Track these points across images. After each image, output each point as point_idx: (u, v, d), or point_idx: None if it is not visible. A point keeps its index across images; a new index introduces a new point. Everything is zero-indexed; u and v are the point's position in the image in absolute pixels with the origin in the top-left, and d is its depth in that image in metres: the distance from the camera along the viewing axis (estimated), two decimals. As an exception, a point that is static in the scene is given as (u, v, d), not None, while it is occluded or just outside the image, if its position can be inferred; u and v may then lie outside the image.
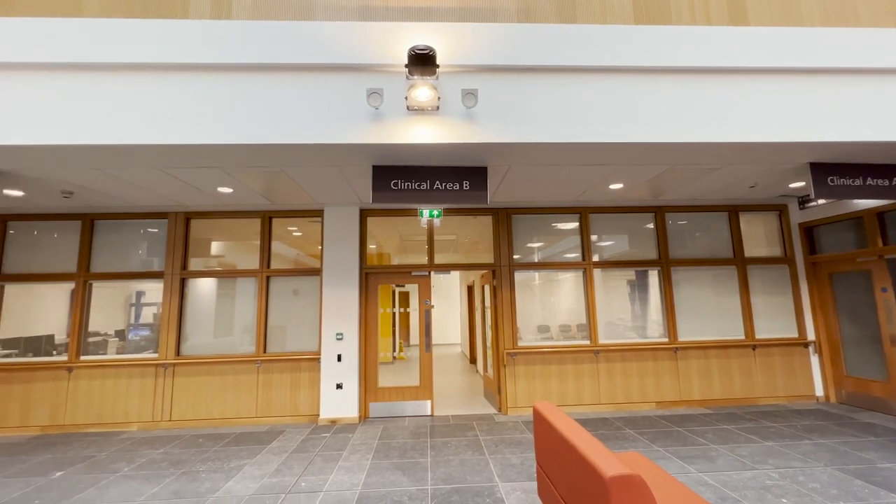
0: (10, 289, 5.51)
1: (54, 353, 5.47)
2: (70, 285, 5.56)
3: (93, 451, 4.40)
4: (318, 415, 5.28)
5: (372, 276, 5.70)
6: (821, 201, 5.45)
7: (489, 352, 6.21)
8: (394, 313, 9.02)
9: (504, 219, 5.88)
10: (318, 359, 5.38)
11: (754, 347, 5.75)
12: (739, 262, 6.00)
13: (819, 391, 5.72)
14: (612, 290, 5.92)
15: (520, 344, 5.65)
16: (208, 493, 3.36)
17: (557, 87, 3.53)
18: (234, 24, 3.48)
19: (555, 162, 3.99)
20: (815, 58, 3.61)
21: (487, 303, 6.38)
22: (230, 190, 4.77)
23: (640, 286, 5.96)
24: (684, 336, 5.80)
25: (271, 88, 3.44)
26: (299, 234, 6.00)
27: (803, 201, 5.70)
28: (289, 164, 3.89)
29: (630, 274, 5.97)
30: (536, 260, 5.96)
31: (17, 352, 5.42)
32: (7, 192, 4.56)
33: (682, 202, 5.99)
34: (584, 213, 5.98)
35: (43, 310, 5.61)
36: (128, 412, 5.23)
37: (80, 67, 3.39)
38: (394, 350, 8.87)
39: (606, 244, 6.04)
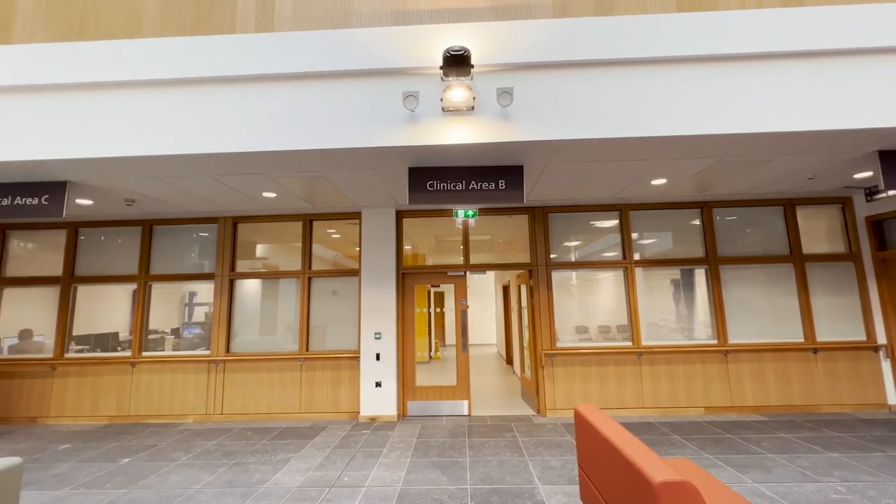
0: (82, 290, 6.02)
1: (119, 349, 5.93)
2: (132, 286, 6.00)
3: (154, 441, 4.72)
4: (359, 412, 5.41)
5: (409, 276, 5.78)
6: (891, 192, 5.00)
7: (526, 353, 6.13)
8: (429, 313, 9.11)
9: (540, 217, 5.79)
10: (358, 357, 5.52)
11: (815, 351, 5.35)
12: (797, 259, 5.60)
13: (892, 399, 5.24)
14: (655, 290, 5.70)
15: (558, 345, 5.55)
16: (258, 483, 3.52)
17: (596, 82, 3.45)
18: (276, 37, 3.63)
19: (593, 158, 3.89)
20: (879, 37, 3.31)
21: (524, 303, 6.30)
22: (274, 194, 4.99)
23: (685, 286, 5.69)
24: (735, 338, 5.49)
25: (312, 96, 3.57)
26: (338, 236, 6.19)
27: (870, 193, 5.24)
28: (328, 168, 4.01)
29: (674, 273, 5.72)
30: (574, 259, 5.83)
31: (87, 347, 5.92)
32: (78, 201, 4.99)
33: (732, 196, 5.67)
34: (624, 211, 5.79)
35: (109, 309, 6.10)
36: (184, 405, 5.58)
37: (140, 84, 3.65)
38: (430, 350, 8.97)
39: (648, 242, 5.82)
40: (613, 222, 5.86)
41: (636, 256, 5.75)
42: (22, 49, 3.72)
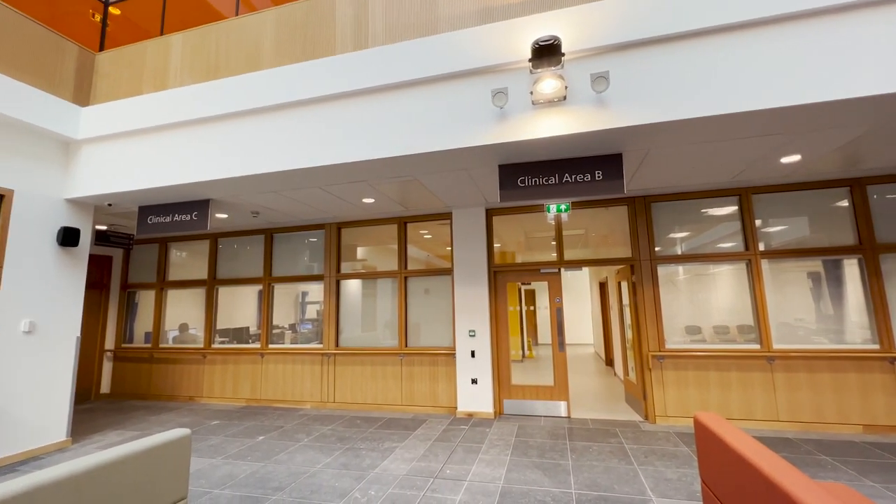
0: (221, 290, 7.10)
1: (250, 341, 6.86)
2: (258, 287, 6.90)
3: (281, 423, 5.38)
4: (456, 407, 5.55)
5: (500, 274, 5.76)
6: None
7: (630, 354, 5.72)
8: (520, 311, 8.97)
9: (642, 208, 5.35)
10: (453, 354, 5.66)
11: None
12: None
13: None
14: (788, 285, 4.90)
15: (667, 346, 5.07)
16: (369, 468, 3.81)
17: (705, 53, 3.08)
18: (371, 53, 3.88)
19: (707, 139, 3.48)
20: None
21: (625, 301, 5.88)
22: (372, 200, 5.34)
23: (830, 279, 4.80)
24: (905, 343, 4.48)
25: (404, 104, 3.74)
26: (429, 236, 6.41)
27: None
28: (421, 171, 4.18)
29: (813, 264, 4.86)
30: (682, 252, 5.27)
31: (227, 339, 6.96)
32: (218, 215, 5.88)
33: (893, 170, 4.64)
34: (744, 195, 5.08)
35: (241, 307, 7.10)
36: (303, 392, 6.26)
37: (262, 111, 4.18)
38: (523, 348, 8.84)
39: (775, 230, 5.03)
40: (731, 209, 5.18)
41: (761, 246, 5.01)
42: (175, 92, 4.51)
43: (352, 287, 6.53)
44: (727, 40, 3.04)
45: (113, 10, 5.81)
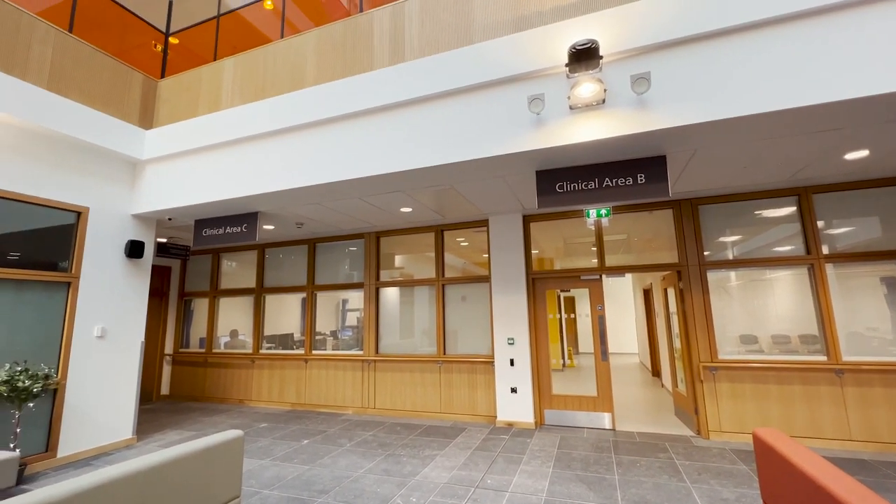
0: (268, 298, 7.43)
1: (294, 347, 7.13)
2: (302, 295, 7.18)
3: (324, 427, 5.53)
4: (496, 416, 5.48)
5: (539, 281, 5.67)
6: None
7: (678, 364, 5.44)
8: (560, 319, 8.76)
9: (689, 211, 5.11)
10: (492, 362, 5.61)
11: None
12: None
13: None
14: (857, 291, 4.50)
15: (720, 357, 4.78)
16: (410, 475, 3.83)
17: (756, 47, 2.92)
18: (407, 66, 3.98)
19: (761, 137, 3.28)
20: None
21: (672, 308, 5.61)
22: (410, 209, 5.43)
23: (908, 285, 4.36)
24: None
25: (441, 113, 3.80)
26: (466, 244, 6.42)
27: None
28: (457, 179, 4.21)
29: (888, 268, 4.44)
30: (732, 256, 4.97)
31: (274, 345, 7.27)
32: (265, 226, 6.19)
33: (983, 162, 4.17)
34: (804, 195, 4.73)
35: (286, 314, 7.41)
36: (345, 398, 6.41)
37: (305, 127, 4.38)
38: (563, 357, 8.62)
39: (841, 231, 4.64)
40: (789, 210, 4.84)
41: (825, 249, 4.64)
42: (226, 113, 4.82)
43: (390, 295, 6.65)
44: (786, 31, 2.88)
45: (172, 40, 6.32)
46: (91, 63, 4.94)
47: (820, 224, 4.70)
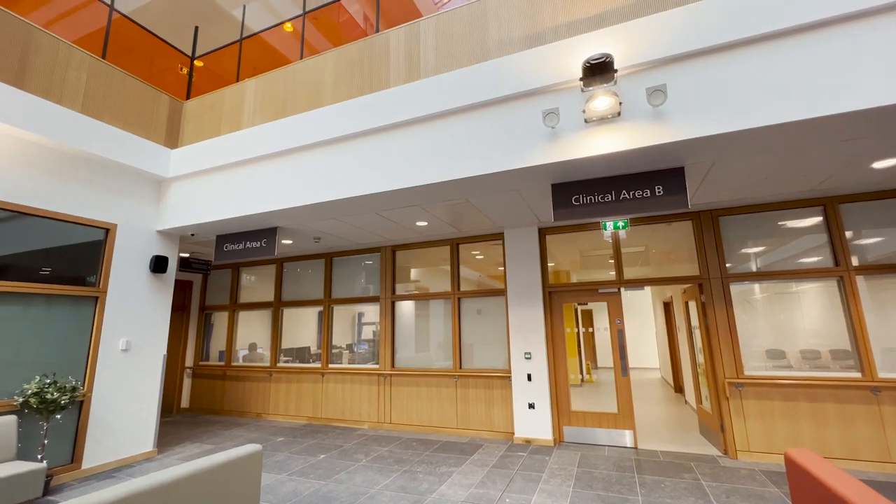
0: (286, 312, 7.53)
1: (311, 360, 7.17)
2: (318, 308, 7.24)
3: (340, 442, 5.51)
4: (513, 433, 5.38)
5: (556, 294, 5.60)
6: None
7: (702, 380, 5.27)
8: (577, 333, 8.61)
9: (709, 222, 5.01)
10: (509, 377, 5.54)
11: None
12: None
13: None
14: (892, 304, 4.31)
15: (745, 372, 4.62)
16: (426, 493, 3.78)
17: (776, 57, 2.89)
18: (423, 84, 4.06)
19: (784, 147, 3.22)
20: None
21: (694, 322, 5.47)
22: (425, 223, 5.47)
23: (946, 297, 4.16)
24: None
25: (456, 129, 3.85)
26: (481, 257, 6.41)
27: None
28: (473, 193, 4.23)
29: (924, 280, 4.25)
30: (755, 268, 4.84)
31: (291, 358, 7.33)
32: (284, 241, 6.31)
33: None
34: (830, 205, 4.60)
35: (303, 327, 7.47)
36: (360, 412, 6.40)
37: (322, 144, 4.48)
38: (581, 372, 8.45)
39: (871, 242, 4.48)
40: (814, 220, 4.70)
41: (854, 261, 4.47)
42: (247, 132, 4.97)
43: (406, 308, 6.66)
44: (805, 41, 2.84)
45: (197, 63, 6.59)
46: (122, 87, 5.18)
47: (848, 234, 4.54)
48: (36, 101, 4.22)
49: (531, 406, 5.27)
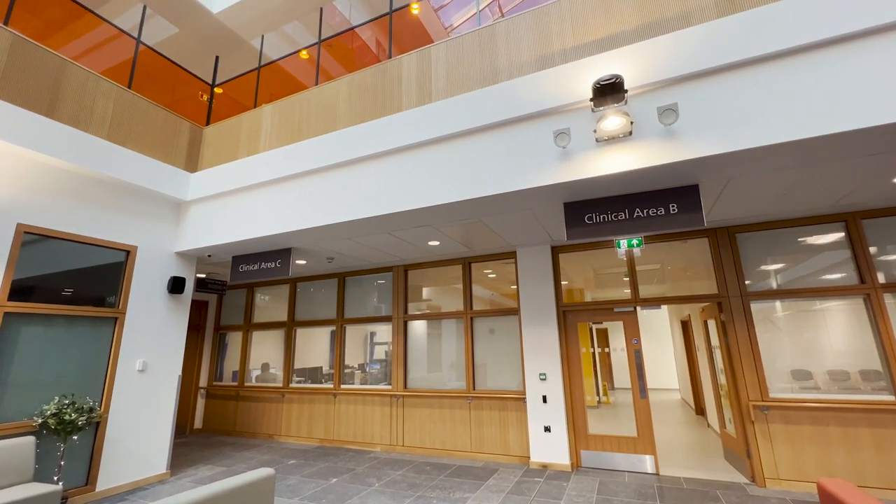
0: (298, 331, 7.55)
1: (323, 380, 7.14)
2: (331, 328, 7.25)
3: (352, 465, 5.42)
4: (529, 457, 5.23)
5: (570, 313, 5.52)
6: None
7: (724, 402, 5.08)
8: (593, 353, 8.42)
9: (726, 239, 4.92)
10: (524, 398, 5.42)
11: None
12: None
13: None
14: (924, 323, 4.14)
15: (771, 395, 4.45)
16: (441, 520, 3.67)
17: (792, 73, 2.88)
18: (434, 106, 4.14)
19: (800, 164, 3.18)
20: None
21: (714, 341, 5.32)
22: (437, 242, 5.49)
23: (982, 316, 3.98)
24: None
25: (468, 150, 3.90)
26: (493, 276, 6.38)
27: None
28: (485, 213, 4.25)
29: (957, 298, 4.08)
30: (776, 286, 4.71)
31: (303, 378, 7.31)
32: (297, 261, 6.38)
33: None
34: (851, 221, 4.49)
35: (315, 347, 7.47)
36: (373, 434, 6.31)
37: (336, 166, 4.57)
38: (598, 393, 8.23)
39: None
40: (835, 236, 4.58)
41: (881, 278, 4.33)
42: (263, 156, 5.11)
43: (418, 328, 6.62)
44: (820, 58, 2.84)
45: (217, 90, 6.84)
46: (146, 114, 5.40)
47: (873, 250, 4.41)
48: (66, 130, 4.42)
49: (547, 429, 5.14)
